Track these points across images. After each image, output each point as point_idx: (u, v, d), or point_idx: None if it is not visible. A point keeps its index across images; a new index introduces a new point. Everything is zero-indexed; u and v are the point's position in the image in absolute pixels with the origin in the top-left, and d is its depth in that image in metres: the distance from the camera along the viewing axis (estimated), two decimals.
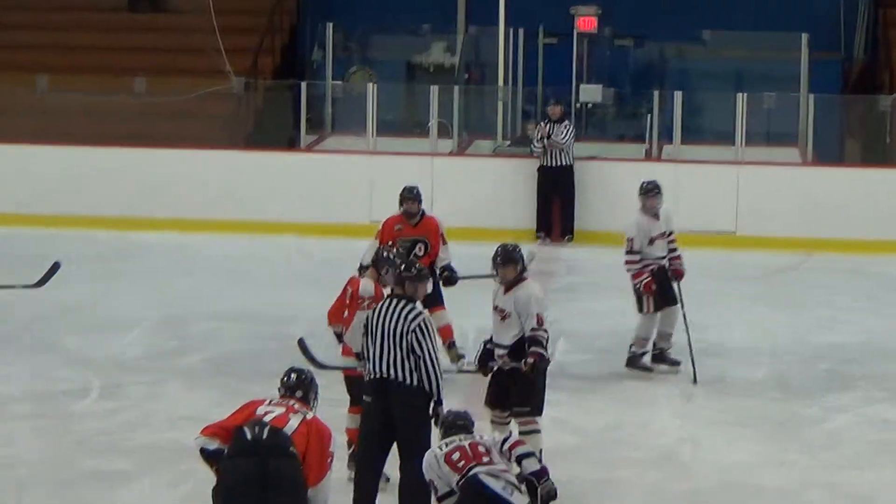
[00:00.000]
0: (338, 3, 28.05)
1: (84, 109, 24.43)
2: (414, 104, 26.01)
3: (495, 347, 12.34)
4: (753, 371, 15.94)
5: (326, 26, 26.87)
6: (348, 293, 12.59)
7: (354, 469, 11.41)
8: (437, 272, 15.11)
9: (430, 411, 11.03)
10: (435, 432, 10.40)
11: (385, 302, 11.42)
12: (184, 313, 18.16)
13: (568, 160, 22.76)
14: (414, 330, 11.18)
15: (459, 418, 10.13)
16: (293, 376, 9.90)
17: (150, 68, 25.64)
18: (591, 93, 25.97)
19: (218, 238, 22.44)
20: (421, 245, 15.20)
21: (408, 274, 11.54)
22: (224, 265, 20.96)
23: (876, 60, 27.22)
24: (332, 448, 9.58)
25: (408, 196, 15.46)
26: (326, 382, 10.88)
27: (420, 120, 24.83)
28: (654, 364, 15.64)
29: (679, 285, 15.47)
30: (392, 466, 11.16)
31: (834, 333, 17.77)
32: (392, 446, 11.12)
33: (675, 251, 15.62)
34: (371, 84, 25.13)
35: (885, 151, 24.51)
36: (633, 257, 15.52)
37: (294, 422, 9.44)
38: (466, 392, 14.01)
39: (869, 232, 22.13)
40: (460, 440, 9.85)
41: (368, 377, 11.17)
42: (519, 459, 9.82)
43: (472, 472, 9.57)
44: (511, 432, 11.87)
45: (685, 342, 15.37)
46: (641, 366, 15.64)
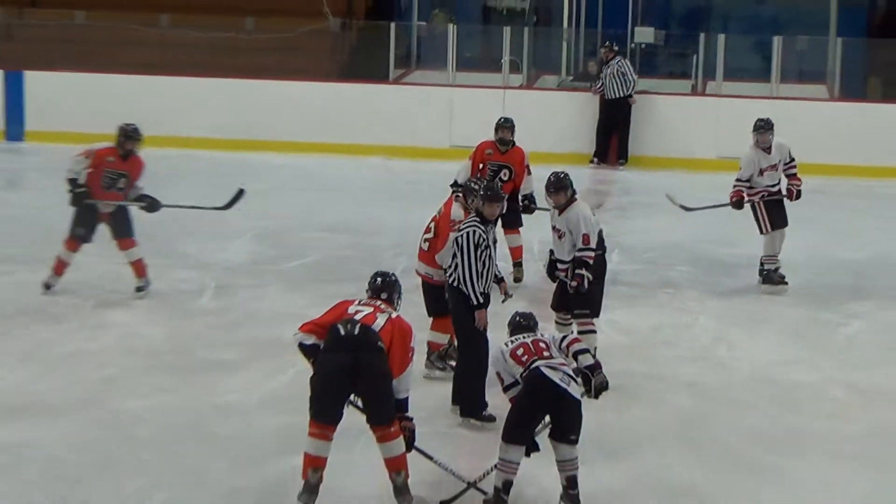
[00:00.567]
0: None
1: (200, 44, 24.47)
2: (489, 43, 25.93)
3: (557, 261, 12.45)
4: None
5: None
6: (440, 211, 12.62)
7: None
8: (520, 199, 15.15)
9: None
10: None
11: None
12: (286, 225, 18.26)
13: (626, 93, 22.73)
14: (456, 239, 11.41)
15: (524, 319, 10.21)
16: (379, 280, 10.01)
17: (258, 9, 25.64)
18: (645, 35, 25.98)
19: (316, 159, 22.50)
20: (506, 171, 15.22)
21: (482, 194, 11.63)
22: (321, 183, 21.04)
23: None
24: (414, 344, 9.69)
25: (504, 125, 15.48)
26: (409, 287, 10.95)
27: (494, 57, 24.75)
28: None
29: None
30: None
31: (853, 250, 17.73)
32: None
33: (794, 176, 15.60)
34: (451, 25, 25.13)
35: None
36: (739, 184, 15.46)
37: (381, 320, 9.54)
38: (534, 297, 14.13)
39: (885, 160, 22.04)
40: (524, 338, 9.93)
41: None
42: (576, 355, 9.87)
43: (535, 366, 9.64)
44: (572, 331, 12.01)
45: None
46: (776, 280, 15.55)
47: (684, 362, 13.28)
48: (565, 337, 10.13)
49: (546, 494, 9.85)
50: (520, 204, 15.07)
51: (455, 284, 11.30)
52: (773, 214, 15.38)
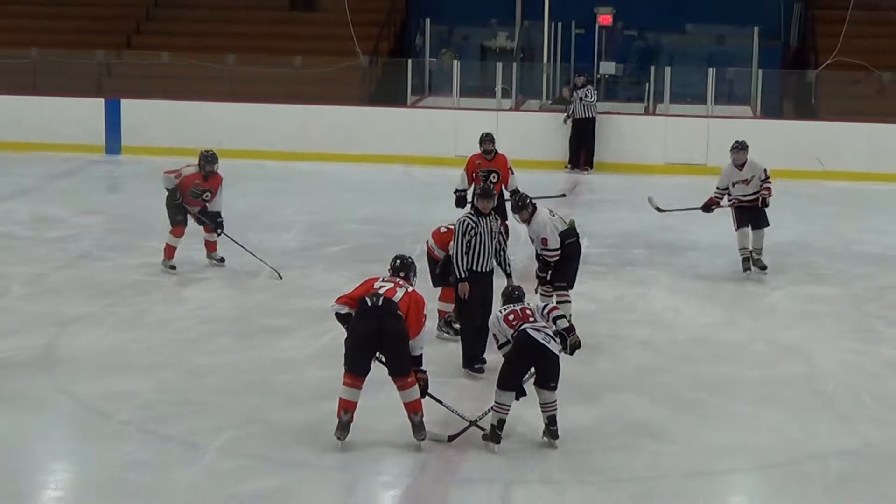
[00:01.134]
0: (434, 5, 27.82)
1: (260, 77, 24.41)
2: (485, 75, 25.80)
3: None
4: (717, 260, 15.89)
5: (425, 21, 26.75)
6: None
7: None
8: (507, 194, 15.07)
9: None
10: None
11: None
12: (327, 219, 18.20)
13: (591, 114, 22.63)
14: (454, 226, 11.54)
15: (515, 291, 10.22)
16: (398, 261, 10.05)
17: (305, 49, 25.59)
18: (608, 67, 25.96)
19: (350, 166, 22.42)
20: (494, 174, 15.12)
21: (476, 192, 11.68)
22: (354, 185, 20.97)
23: (806, 46, 26.92)
24: (426, 312, 9.72)
25: (485, 139, 15.38)
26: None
27: (489, 86, 24.67)
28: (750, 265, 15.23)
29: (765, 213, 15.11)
30: None
31: (773, 235, 17.57)
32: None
33: (766, 189, 15.06)
34: (455, 61, 25.03)
35: (811, 110, 24.30)
36: (717, 192, 15.21)
37: (400, 293, 9.59)
38: (522, 274, 14.06)
39: (798, 164, 21.92)
40: (514, 306, 9.94)
41: None
42: (555, 320, 9.90)
43: (522, 328, 9.66)
44: (552, 301, 11.97)
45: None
46: (745, 267, 15.17)
47: (640, 325, 13.24)
48: (546, 305, 10.23)
49: (532, 431, 9.86)
50: (507, 199, 14.95)
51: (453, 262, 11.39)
52: (739, 217, 15.09)
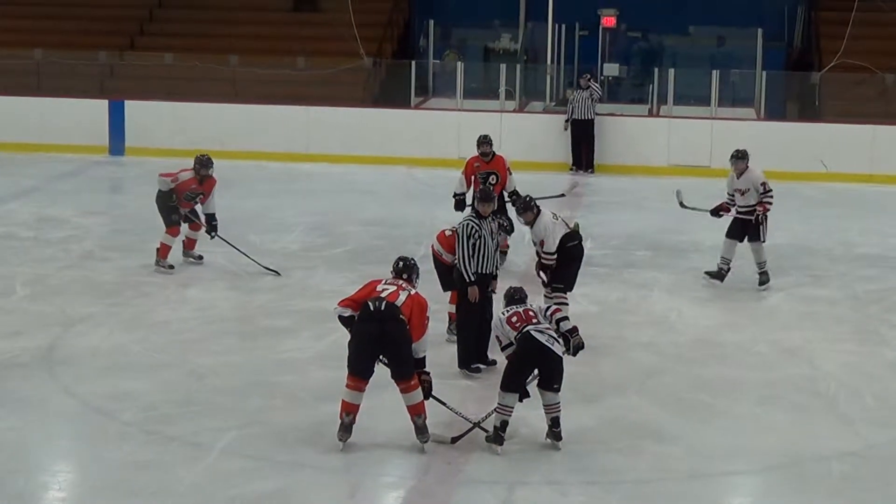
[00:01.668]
0: (437, 6, 27.89)
1: (262, 79, 24.44)
2: (489, 76, 25.84)
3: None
4: (716, 263, 15.88)
5: (429, 22, 26.74)
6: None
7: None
8: (506, 195, 15.08)
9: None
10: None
11: None
12: (330, 220, 18.21)
13: (591, 116, 22.62)
14: (456, 230, 11.58)
15: (517, 293, 10.22)
16: (401, 263, 10.01)
17: (307, 50, 25.60)
18: (612, 69, 25.91)
19: (353, 168, 22.44)
20: (493, 176, 15.13)
21: (477, 195, 11.70)
22: (358, 186, 20.99)
23: (809, 48, 26.92)
24: (429, 314, 9.70)
25: (483, 141, 15.39)
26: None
27: (493, 87, 24.69)
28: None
29: (760, 228, 14.74)
30: None
31: (775, 237, 17.59)
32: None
33: (762, 203, 14.67)
34: (459, 63, 25.04)
35: (814, 111, 24.30)
36: (728, 197, 14.93)
37: (402, 297, 9.57)
38: (525, 276, 14.11)
39: (801, 166, 21.97)
40: (517, 308, 9.96)
41: None
42: (558, 322, 9.93)
43: (525, 330, 9.67)
44: (553, 304, 12.00)
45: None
46: (709, 273, 14.97)
47: (642, 326, 13.25)
48: (549, 307, 10.22)
49: (535, 432, 9.88)
50: (506, 200, 14.96)
51: (457, 265, 11.37)
52: (732, 226, 14.90)
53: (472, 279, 11.30)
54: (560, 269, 12.34)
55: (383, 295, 9.56)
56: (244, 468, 9.33)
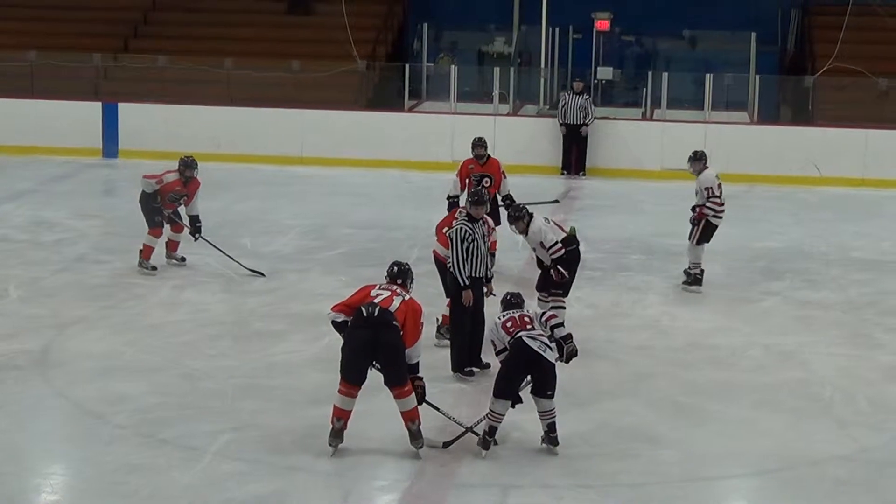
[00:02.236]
0: (431, 9, 27.91)
1: (257, 82, 24.44)
2: (482, 80, 25.83)
3: (540, 260, 12.51)
4: (712, 266, 15.83)
5: (423, 25, 26.77)
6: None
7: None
8: (500, 199, 15.07)
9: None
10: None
11: None
12: (324, 223, 18.19)
13: (580, 121, 22.58)
14: (449, 234, 11.54)
15: (514, 297, 10.18)
16: (395, 268, 9.96)
17: (302, 53, 25.59)
18: (605, 73, 25.88)
19: (347, 171, 22.42)
20: (487, 179, 15.13)
21: (469, 199, 11.69)
22: (352, 190, 20.97)
23: (802, 52, 26.95)
24: (423, 320, 9.68)
25: (477, 143, 15.39)
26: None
27: (487, 90, 24.66)
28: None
29: (693, 227, 14.73)
30: None
31: (769, 241, 17.71)
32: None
33: (703, 206, 14.63)
34: (453, 66, 25.04)
35: (807, 115, 24.32)
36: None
37: (396, 302, 9.53)
38: (519, 280, 14.11)
39: (795, 170, 22.01)
40: (513, 313, 9.92)
41: None
42: (552, 328, 9.86)
43: (518, 335, 9.64)
44: (550, 307, 12.00)
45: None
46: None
47: (636, 330, 13.25)
48: (545, 313, 10.16)
49: (528, 436, 9.87)
50: (500, 203, 14.95)
51: (450, 269, 11.36)
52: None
53: (467, 283, 11.29)
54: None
55: (377, 301, 9.52)
56: (238, 471, 9.31)
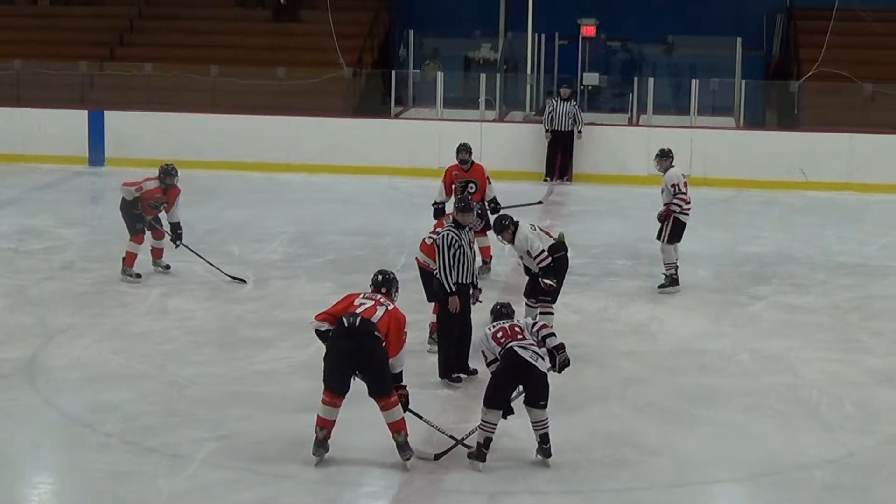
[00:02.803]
0: (417, 16, 27.93)
1: (243, 89, 24.41)
2: (469, 86, 25.80)
3: (528, 268, 12.50)
4: (699, 271, 15.88)
5: (409, 32, 26.82)
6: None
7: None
8: (486, 204, 15.05)
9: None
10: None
11: None
12: (311, 230, 18.16)
13: (568, 127, 22.58)
14: (435, 241, 11.56)
15: (504, 308, 10.16)
16: (380, 277, 9.90)
17: (287, 60, 25.57)
18: (591, 79, 25.94)
19: (334, 177, 22.41)
20: (472, 184, 15.12)
21: (456, 206, 11.69)
22: (339, 196, 20.95)
23: (788, 57, 27.00)
24: (407, 329, 9.60)
25: (462, 149, 15.40)
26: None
27: (473, 97, 24.67)
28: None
29: (662, 227, 14.80)
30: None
31: (756, 245, 17.72)
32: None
33: (669, 204, 14.71)
34: (439, 72, 25.02)
35: (793, 120, 24.36)
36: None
37: (379, 312, 9.46)
38: (506, 287, 14.11)
39: (780, 175, 22.03)
40: (503, 323, 9.88)
41: None
42: (544, 338, 9.81)
43: (510, 346, 9.60)
44: (538, 313, 11.99)
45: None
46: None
47: (624, 335, 13.25)
48: (536, 323, 10.10)
49: (517, 442, 9.84)
50: (486, 209, 14.93)
51: (437, 275, 11.34)
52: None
53: (453, 289, 11.28)
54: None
55: (359, 311, 9.45)
56: (225, 479, 9.28)
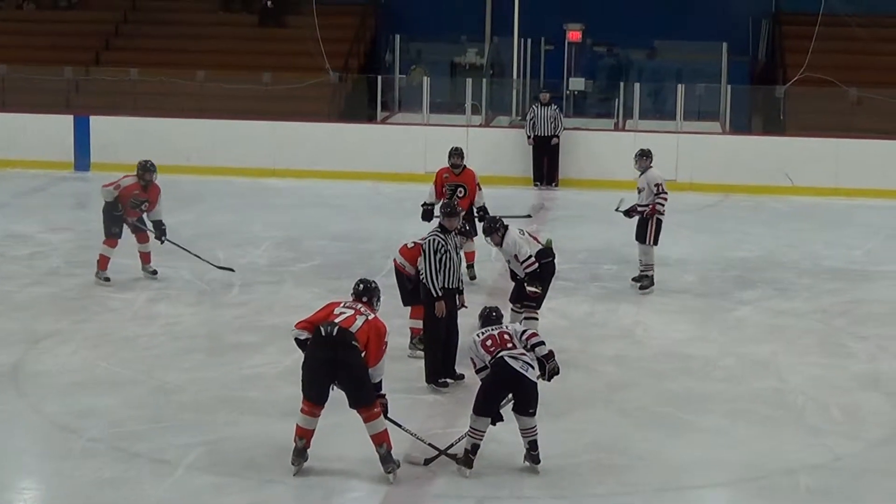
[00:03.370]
0: (404, 21, 27.92)
1: (229, 94, 24.41)
2: (455, 91, 25.82)
3: (514, 273, 12.50)
4: (685, 276, 15.94)
5: (395, 37, 26.81)
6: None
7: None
8: (475, 210, 15.07)
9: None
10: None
11: None
12: (297, 235, 18.17)
13: (550, 132, 22.60)
14: (422, 245, 11.52)
15: (493, 312, 10.13)
16: (361, 286, 9.80)
17: (274, 66, 25.58)
18: (577, 83, 25.94)
19: (320, 183, 22.40)
20: (461, 189, 15.15)
21: (442, 210, 11.70)
22: (324, 201, 20.95)
23: (773, 62, 27.06)
24: (388, 339, 9.50)
25: (454, 153, 15.44)
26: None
27: (459, 102, 24.69)
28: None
29: (647, 229, 14.97)
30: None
31: (742, 250, 17.76)
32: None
33: (654, 203, 14.92)
34: (425, 77, 25.00)
35: (779, 125, 24.41)
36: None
37: (359, 322, 9.38)
38: (492, 291, 14.13)
39: (767, 180, 22.09)
40: (492, 330, 9.85)
41: None
42: (533, 346, 9.79)
43: (500, 355, 9.57)
44: (527, 327, 11.99)
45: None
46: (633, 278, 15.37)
47: (610, 340, 13.27)
48: (525, 331, 10.03)
49: (503, 447, 9.83)
50: (475, 215, 14.95)
51: (423, 280, 11.34)
52: (637, 228, 15.23)
53: (440, 294, 11.29)
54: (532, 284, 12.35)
55: (338, 320, 9.38)
56: (212, 484, 9.29)
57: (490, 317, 10.07)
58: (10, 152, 23.30)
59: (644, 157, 15.20)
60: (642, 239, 15.06)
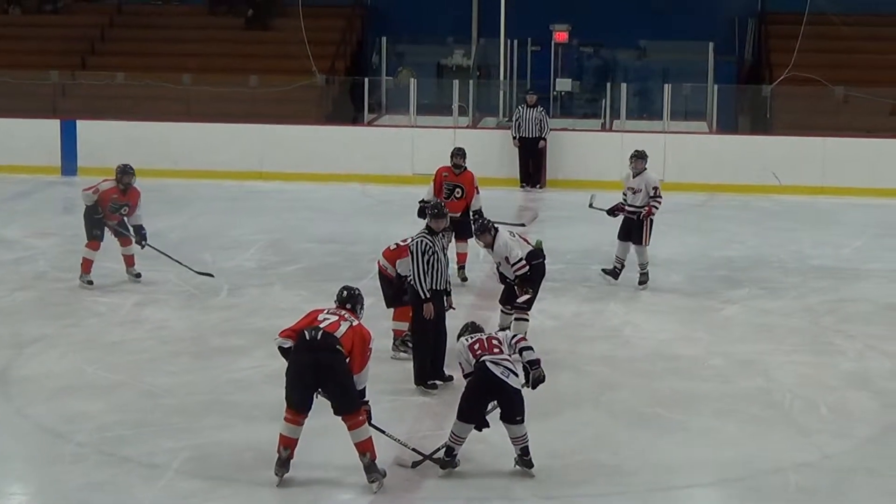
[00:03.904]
0: (390, 23, 27.95)
1: (215, 97, 24.39)
2: (442, 93, 25.82)
3: (503, 275, 12.49)
4: (673, 276, 15.94)
5: (382, 39, 26.80)
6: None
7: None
8: (470, 213, 15.07)
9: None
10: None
11: None
12: (284, 238, 18.15)
13: (536, 134, 22.61)
14: (409, 247, 11.52)
15: (473, 325, 10.11)
16: (345, 293, 9.73)
17: (260, 68, 25.57)
18: (564, 84, 25.99)
19: (307, 185, 22.40)
20: (459, 189, 15.19)
21: (429, 211, 11.69)
22: (312, 204, 20.93)
23: (760, 61, 27.11)
24: (372, 346, 9.42)
25: (457, 153, 15.55)
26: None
27: (446, 103, 24.69)
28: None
29: (643, 230, 15.12)
30: None
31: (729, 249, 17.78)
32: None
33: (651, 205, 15.06)
34: (412, 79, 25.00)
35: (766, 124, 24.45)
36: (623, 196, 15.37)
37: (343, 328, 9.30)
38: (481, 292, 14.13)
39: (753, 179, 22.14)
40: (481, 334, 9.83)
41: None
42: (521, 351, 9.73)
43: (482, 360, 9.53)
44: (517, 332, 11.98)
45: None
46: (605, 270, 15.53)
47: (599, 340, 13.27)
48: (515, 336, 10.00)
49: (492, 448, 9.81)
50: (470, 217, 14.95)
51: (410, 282, 11.33)
52: (622, 227, 15.34)
53: (428, 296, 11.28)
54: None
55: (322, 325, 9.32)
56: (200, 488, 9.27)
57: (477, 326, 10.05)
58: None
59: (640, 159, 15.30)
60: (639, 240, 15.11)
